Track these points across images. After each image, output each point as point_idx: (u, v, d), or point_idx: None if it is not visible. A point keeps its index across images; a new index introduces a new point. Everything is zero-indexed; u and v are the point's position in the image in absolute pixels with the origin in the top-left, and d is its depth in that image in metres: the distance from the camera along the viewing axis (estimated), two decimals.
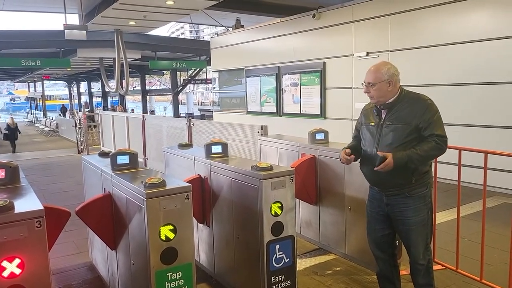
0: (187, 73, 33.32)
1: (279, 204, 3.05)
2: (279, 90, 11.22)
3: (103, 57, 20.81)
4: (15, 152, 18.22)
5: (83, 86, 49.58)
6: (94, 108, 38.92)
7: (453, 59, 7.34)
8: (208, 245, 3.83)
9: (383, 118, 2.85)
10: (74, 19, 14.49)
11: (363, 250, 3.79)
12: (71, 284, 3.86)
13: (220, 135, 6.34)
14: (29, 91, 55.09)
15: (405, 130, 2.74)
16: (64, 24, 11.48)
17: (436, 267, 3.81)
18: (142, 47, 20.43)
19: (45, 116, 37.29)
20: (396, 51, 8.15)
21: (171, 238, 2.60)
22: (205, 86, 49.85)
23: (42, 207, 2.29)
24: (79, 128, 14.50)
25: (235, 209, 3.33)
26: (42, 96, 43.78)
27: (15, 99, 69.44)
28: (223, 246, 3.58)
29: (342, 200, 4.09)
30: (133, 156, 3.29)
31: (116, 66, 15.67)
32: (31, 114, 43.91)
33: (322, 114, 9.93)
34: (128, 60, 16.19)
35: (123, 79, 16.60)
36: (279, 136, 5.21)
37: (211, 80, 19.74)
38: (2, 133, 19.88)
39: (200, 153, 3.82)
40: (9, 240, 2.17)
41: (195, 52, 24.03)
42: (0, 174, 2.91)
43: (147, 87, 39.51)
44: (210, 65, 15.20)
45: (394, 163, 2.65)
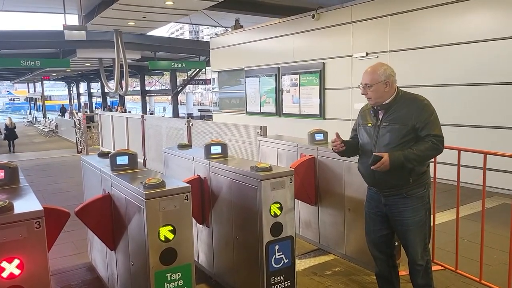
0: (187, 73, 33.33)
1: (278, 205, 3.05)
2: (278, 91, 11.22)
3: (103, 57, 20.80)
4: (14, 152, 18.30)
5: (83, 86, 49.57)
6: (94, 109, 38.92)
7: (452, 59, 7.35)
8: (207, 245, 3.83)
9: (380, 119, 2.86)
10: (73, 20, 14.50)
11: (362, 250, 3.79)
12: (71, 285, 3.86)
13: (219, 135, 6.35)
14: (28, 92, 55.04)
15: (402, 130, 2.75)
16: (63, 25, 11.48)
17: (435, 268, 3.81)
18: (141, 48, 20.42)
19: (44, 116, 37.26)
20: (395, 51, 8.15)
21: (171, 239, 2.60)
22: (204, 86, 49.88)
23: (41, 208, 2.29)
24: (79, 128, 14.50)
25: (235, 209, 3.33)
26: (41, 96, 43.75)
27: (14, 100, 69.44)
28: (222, 246, 3.58)
29: (342, 200, 4.10)
30: (132, 157, 3.29)
31: (116, 66, 15.67)
32: (31, 115, 43.89)
33: (322, 115, 9.93)
34: (128, 61, 16.18)
35: (122, 80, 16.60)
36: (279, 137, 5.21)
37: (210, 80, 19.73)
38: (2, 133, 19.91)
39: (200, 153, 3.82)
40: (8, 241, 2.17)
41: (194, 53, 24.03)
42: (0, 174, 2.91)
43: (147, 88, 39.50)
44: (210, 65, 15.20)
45: (390, 162, 2.66)
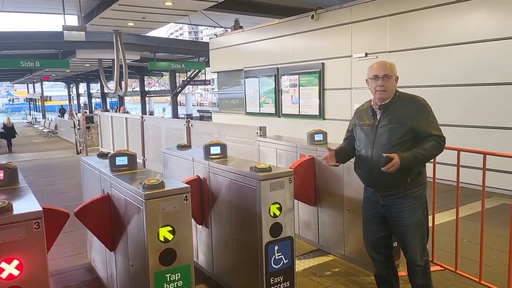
0: (186, 74, 33.34)
1: (277, 205, 3.05)
2: (278, 91, 11.22)
3: (102, 58, 20.81)
4: (11, 151, 18.51)
5: (82, 87, 49.55)
6: (93, 109, 38.89)
7: (452, 60, 7.35)
8: (206, 246, 3.82)
9: (378, 119, 2.85)
10: (73, 20, 14.50)
11: (361, 251, 3.78)
12: (70, 286, 3.86)
13: (218, 136, 6.35)
14: (28, 92, 55.01)
15: (400, 130, 2.75)
16: (63, 25, 11.47)
17: (435, 268, 3.82)
18: (141, 48, 20.43)
19: (44, 117, 37.23)
20: (394, 52, 8.16)
21: (170, 239, 2.60)
22: (204, 87, 49.87)
23: (40, 208, 2.29)
24: (78, 129, 14.50)
25: (234, 210, 3.33)
26: (41, 97, 43.73)
27: (14, 100, 69.42)
28: (221, 247, 3.58)
29: (341, 201, 4.10)
30: (132, 157, 3.29)
31: (115, 67, 15.67)
32: (30, 115, 43.86)
33: (321, 115, 9.93)
34: (127, 61, 16.19)
35: (122, 80, 16.60)
36: (278, 137, 5.21)
37: (210, 81, 19.75)
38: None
39: (199, 154, 3.82)
40: (7, 242, 2.17)
41: (194, 53, 24.05)
42: None
43: (146, 88, 39.50)
44: (209, 66, 15.21)
45: (400, 163, 2.65)
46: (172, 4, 10.96)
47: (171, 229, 2.59)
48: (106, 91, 30.90)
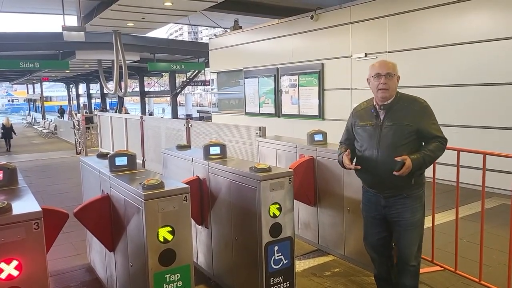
0: (186, 74, 33.35)
1: (277, 206, 3.04)
2: (277, 91, 11.22)
3: (102, 59, 20.82)
4: (10, 150, 18.60)
5: (82, 87, 49.56)
6: (93, 110, 38.88)
7: (451, 60, 7.35)
8: (206, 246, 3.82)
9: (382, 119, 2.83)
10: (72, 21, 14.50)
11: (361, 251, 3.78)
12: (69, 286, 3.85)
13: (218, 136, 6.35)
14: (27, 93, 55.00)
15: (405, 130, 2.74)
16: (62, 26, 11.48)
17: (434, 268, 3.82)
18: (140, 49, 20.46)
19: (43, 117, 37.21)
20: (394, 52, 8.16)
21: (170, 240, 2.59)
22: (203, 87, 49.87)
23: (40, 209, 2.29)
24: (78, 129, 14.49)
25: (234, 210, 3.33)
26: (41, 97, 43.72)
27: (13, 100, 69.43)
28: (221, 247, 3.58)
29: (341, 201, 4.09)
30: (131, 158, 3.29)
31: (115, 68, 15.67)
32: (30, 116, 43.84)
33: (321, 115, 9.93)
34: (127, 62, 16.19)
35: (121, 81, 16.60)
36: (278, 137, 5.21)
37: (209, 81, 19.74)
38: None
39: (199, 154, 3.82)
40: (6, 242, 2.16)
41: (193, 54, 24.07)
42: None
43: (146, 89, 39.51)
44: (209, 66, 15.21)
45: (412, 166, 2.64)
46: (171, 5, 10.98)
47: (171, 229, 2.59)
48: (105, 91, 30.92)
